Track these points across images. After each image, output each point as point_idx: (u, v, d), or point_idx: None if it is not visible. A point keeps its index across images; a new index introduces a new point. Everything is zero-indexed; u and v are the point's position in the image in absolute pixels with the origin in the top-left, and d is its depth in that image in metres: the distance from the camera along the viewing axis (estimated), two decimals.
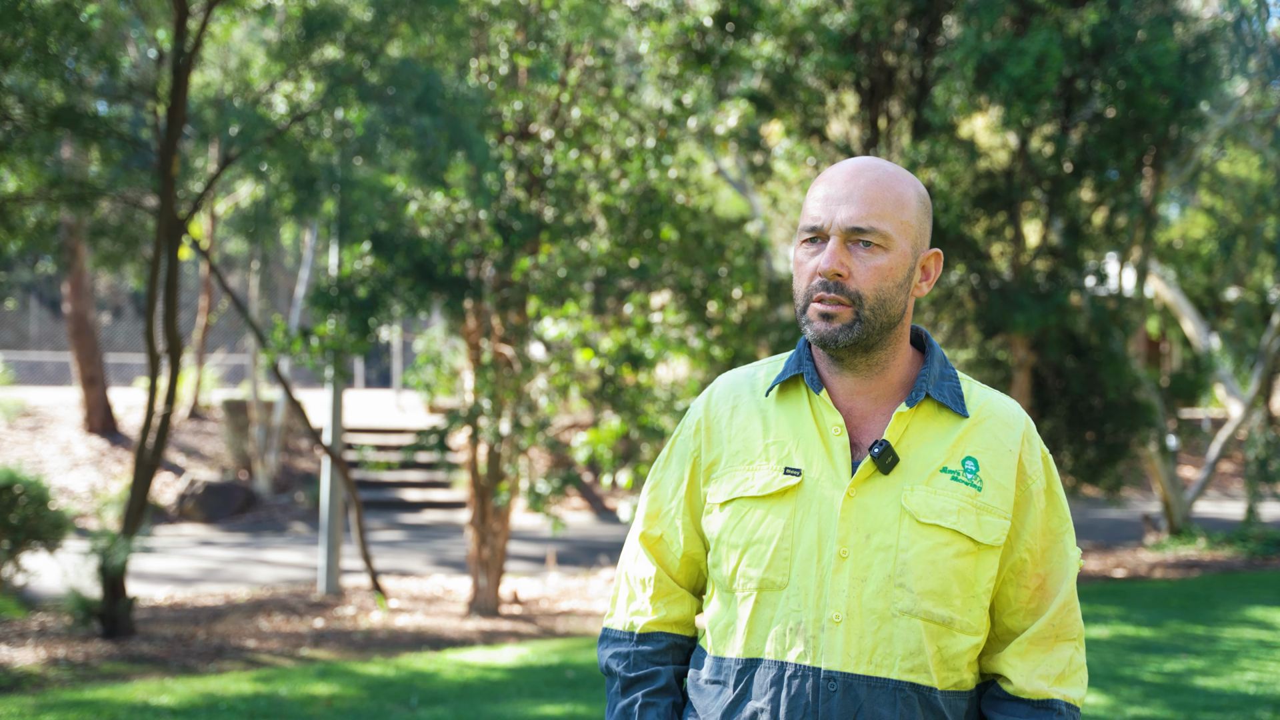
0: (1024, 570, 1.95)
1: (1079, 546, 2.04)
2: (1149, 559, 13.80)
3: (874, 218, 1.90)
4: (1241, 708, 6.78)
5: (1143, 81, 11.05)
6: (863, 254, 1.91)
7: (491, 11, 10.05)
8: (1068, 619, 1.96)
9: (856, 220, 1.90)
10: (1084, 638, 2.01)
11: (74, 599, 9.05)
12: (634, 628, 2.09)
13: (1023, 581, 1.95)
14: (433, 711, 6.94)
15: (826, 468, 1.94)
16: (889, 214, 1.91)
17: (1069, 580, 1.97)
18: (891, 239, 1.91)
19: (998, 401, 2.01)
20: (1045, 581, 1.95)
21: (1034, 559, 1.95)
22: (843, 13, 11.53)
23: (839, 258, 1.90)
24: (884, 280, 1.91)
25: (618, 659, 2.08)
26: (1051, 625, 1.95)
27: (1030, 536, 1.95)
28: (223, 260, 23.14)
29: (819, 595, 1.90)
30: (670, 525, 2.08)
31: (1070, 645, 1.96)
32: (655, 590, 2.09)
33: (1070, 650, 1.96)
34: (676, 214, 10.60)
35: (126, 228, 10.11)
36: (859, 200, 1.91)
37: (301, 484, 17.70)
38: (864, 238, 1.90)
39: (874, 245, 1.91)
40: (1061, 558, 1.97)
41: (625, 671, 2.07)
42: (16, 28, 7.79)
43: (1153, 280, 16.74)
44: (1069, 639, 1.96)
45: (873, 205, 1.90)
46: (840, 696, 1.87)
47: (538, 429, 10.08)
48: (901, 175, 1.96)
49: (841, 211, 1.91)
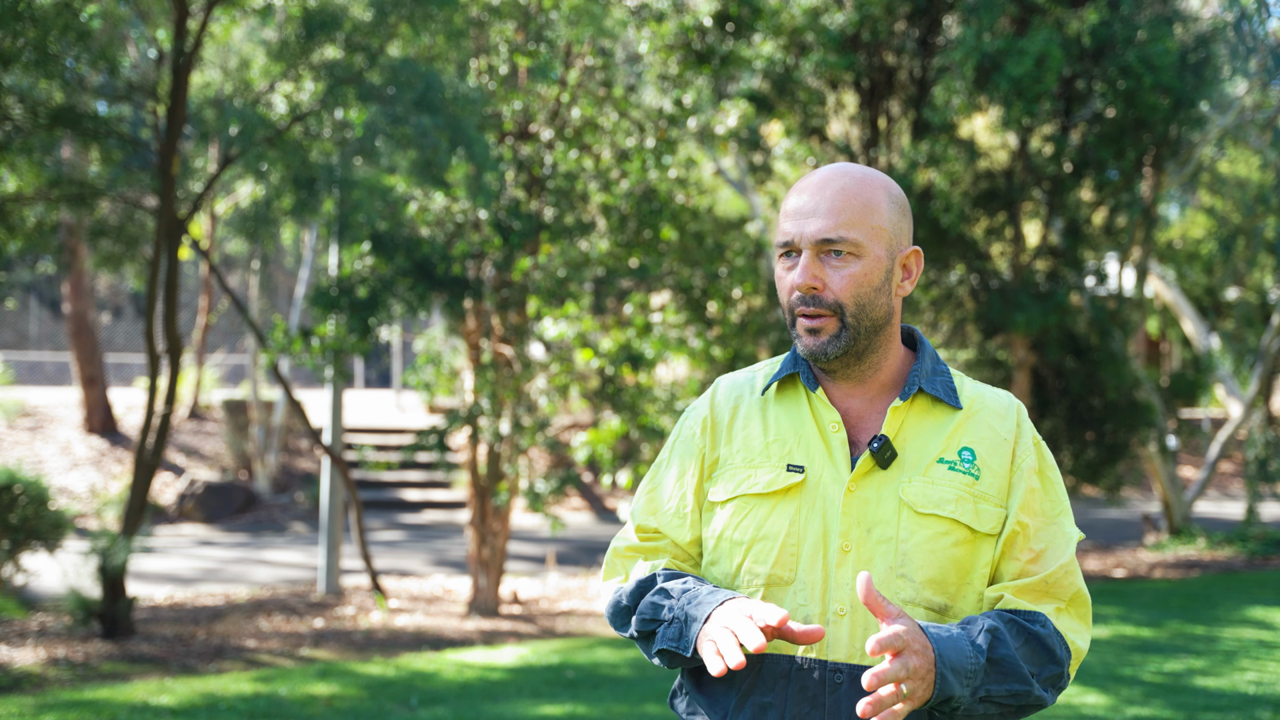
0: (1015, 543, 1.95)
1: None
2: (1149, 559, 13.80)
3: (842, 227, 1.93)
4: (1241, 708, 6.78)
5: (1143, 81, 11.05)
6: (835, 264, 1.94)
7: (491, 11, 10.05)
8: (1063, 580, 1.95)
9: (825, 232, 1.93)
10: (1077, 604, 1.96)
11: (74, 599, 9.05)
12: (655, 569, 2.05)
13: (1015, 554, 1.95)
14: (433, 711, 6.94)
15: (827, 464, 1.97)
16: (858, 222, 1.93)
17: (1067, 551, 1.97)
18: (863, 245, 1.93)
19: (989, 394, 2.05)
20: (1040, 556, 1.95)
21: (1025, 534, 1.95)
22: (843, 13, 11.53)
23: (812, 271, 1.93)
24: (860, 287, 1.94)
25: (639, 585, 2.03)
26: (1045, 582, 1.94)
27: (1022, 511, 1.95)
28: (223, 260, 23.14)
29: (824, 589, 1.92)
30: (673, 517, 2.08)
31: (1055, 603, 1.94)
32: (670, 555, 2.08)
33: (1052, 606, 1.94)
34: (676, 214, 10.60)
35: (126, 228, 10.12)
36: (825, 211, 1.93)
37: (301, 484, 17.70)
38: (834, 248, 1.93)
39: (846, 254, 1.93)
40: (1056, 535, 1.97)
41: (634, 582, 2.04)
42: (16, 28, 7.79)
43: (1153, 280, 16.75)
44: (1056, 598, 1.94)
45: (840, 215, 1.93)
46: (847, 688, 1.88)
47: (537, 429, 10.08)
48: (871, 179, 1.97)
49: (810, 225, 1.94)
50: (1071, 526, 2.00)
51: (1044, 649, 1.89)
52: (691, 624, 1.89)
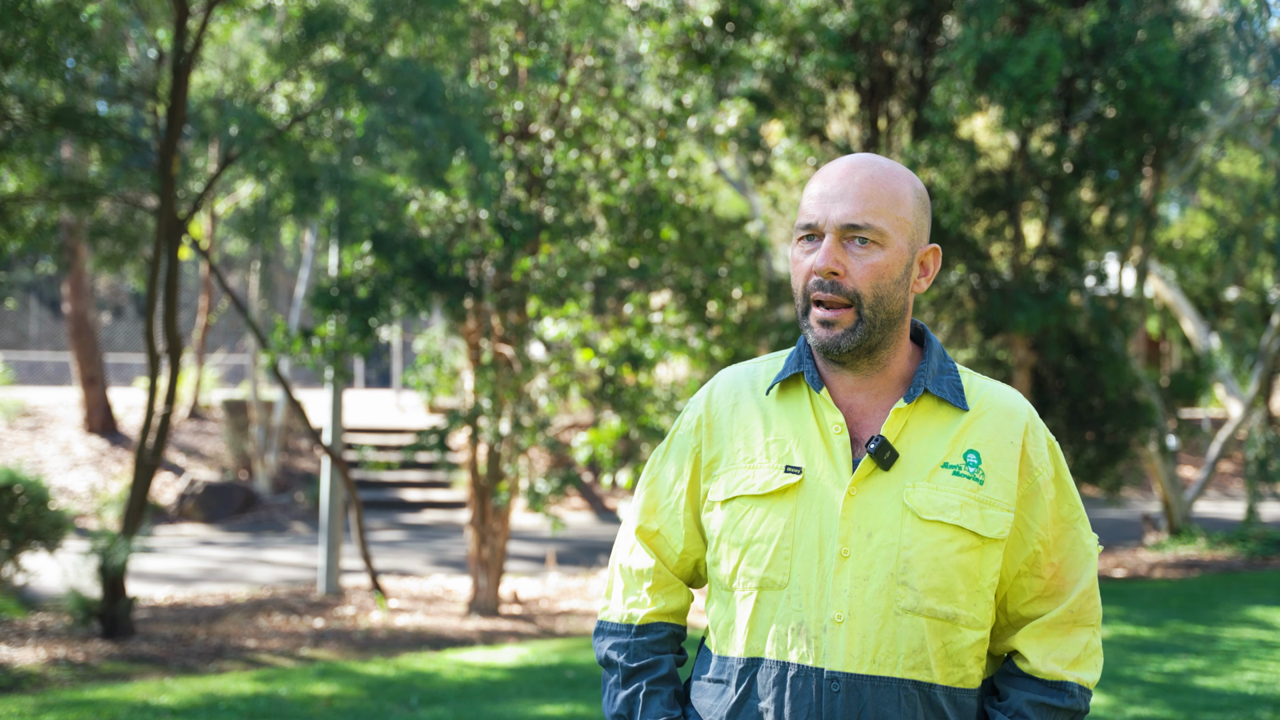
0: (1038, 561, 1.94)
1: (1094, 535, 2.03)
2: (1149, 559, 13.80)
3: (869, 214, 1.89)
4: (1241, 708, 6.78)
5: (1143, 81, 11.05)
6: (858, 251, 1.90)
7: (492, 12, 10.05)
8: (1087, 605, 1.96)
9: (851, 217, 1.89)
10: (1100, 623, 2.00)
11: (74, 599, 9.05)
12: (633, 619, 2.08)
13: (1037, 572, 1.94)
14: (433, 711, 6.94)
15: (827, 466, 1.93)
16: (884, 210, 1.90)
17: (1089, 568, 1.96)
18: (887, 235, 1.90)
19: (999, 393, 2.00)
20: (1060, 569, 1.94)
21: (1047, 549, 1.94)
22: (843, 13, 11.53)
23: (834, 256, 1.89)
24: (881, 277, 1.90)
25: (618, 650, 2.08)
26: (1070, 612, 1.94)
27: (1041, 527, 1.94)
28: (223, 260, 23.13)
29: (820, 595, 1.89)
30: (669, 520, 2.08)
31: (1088, 631, 1.96)
32: (654, 582, 2.09)
33: (1087, 635, 1.95)
34: (676, 214, 10.60)
35: (126, 228, 10.11)
36: (853, 197, 1.89)
37: (301, 484, 17.69)
38: (859, 234, 1.89)
39: (870, 242, 1.90)
40: (1075, 544, 1.96)
41: (627, 662, 2.07)
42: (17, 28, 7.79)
43: (1153, 280, 16.74)
44: (1087, 625, 1.96)
45: (867, 202, 1.89)
46: (844, 696, 1.86)
47: (538, 429, 10.08)
48: (898, 171, 1.94)
49: (836, 209, 1.90)
50: (1089, 534, 1.98)
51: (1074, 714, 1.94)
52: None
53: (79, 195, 9.20)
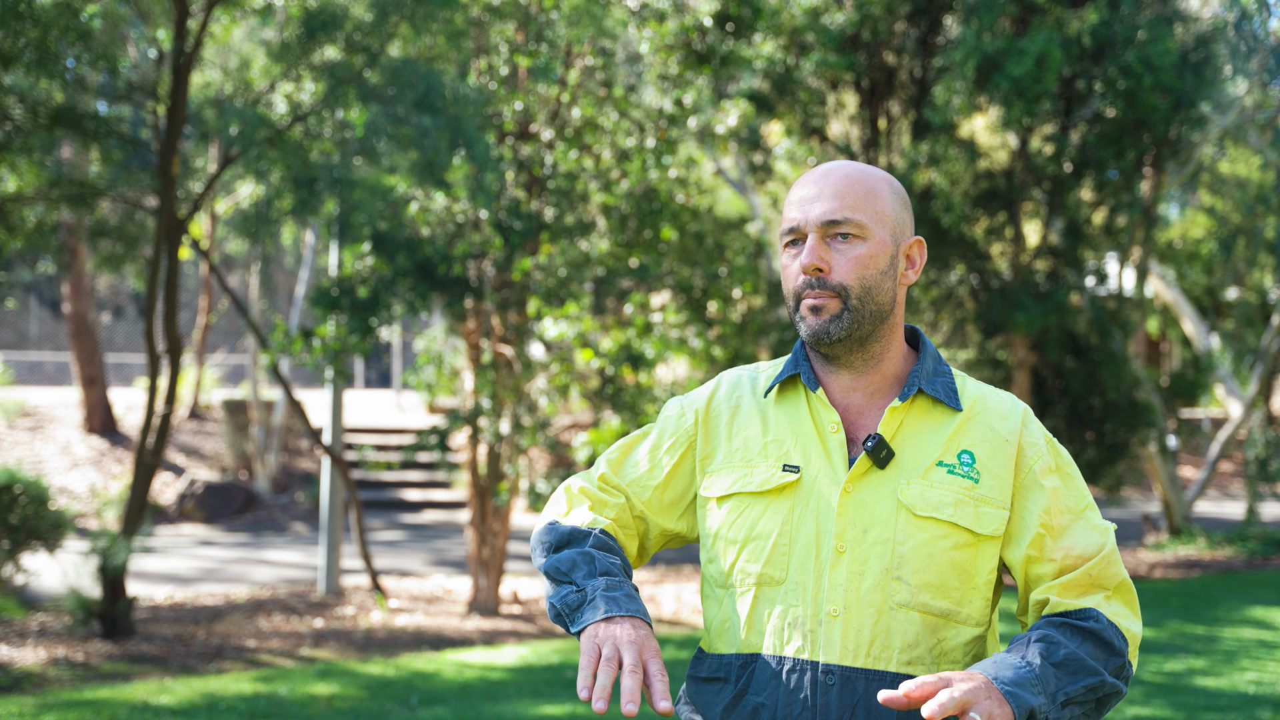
0: (1044, 544, 1.93)
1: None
2: (1149, 559, 13.80)
3: (848, 209, 1.94)
4: (1241, 708, 6.78)
5: (1143, 81, 11.05)
6: (841, 246, 1.95)
7: (492, 11, 10.05)
8: (1106, 570, 1.93)
9: (831, 214, 1.94)
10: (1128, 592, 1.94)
11: (74, 599, 9.06)
12: (595, 525, 2.03)
13: (1048, 556, 1.93)
14: (433, 711, 6.95)
15: (824, 464, 1.96)
16: (862, 205, 1.95)
17: (1106, 542, 1.94)
18: (867, 228, 1.95)
19: (992, 395, 2.03)
20: (1073, 551, 1.93)
21: (1054, 534, 1.93)
22: (843, 13, 11.53)
23: (818, 253, 1.94)
24: (865, 269, 1.94)
25: (574, 532, 2.01)
26: (1089, 575, 1.92)
27: (1044, 513, 1.93)
28: (223, 260, 23.14)
29: (816, 590, 1.91)
30: (636, 483, 2.08)
31: (1102, 592, 1.92)
32: (618, 514, 2.07)
33: (1100, 596, 1.92)
34: (676, 214, 10.60)
35: (126, 228, 10.12)
36: (831, 195, 1.95)
37: (301, 484, 17.70)
38: (840, 230, 1.94)
39: (851, 236, 1.95)
40: (1087, 530, 1.95)
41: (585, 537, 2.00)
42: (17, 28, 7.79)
43: (1153, 280, 16.75)
44: (1102, 587, 1.92)
45: (845, 198, 1.95)
46: (839, 690, 1.87)
47: (538, 429, 10.08)
48: (872, 170, 2.01)
49: (815, 208, 1.95)
50: (1100, 519, 1.98)
51: (1102, 642, 1.86)
52: (592, 609, 1.87)
53: (79, 195, 9.20)
